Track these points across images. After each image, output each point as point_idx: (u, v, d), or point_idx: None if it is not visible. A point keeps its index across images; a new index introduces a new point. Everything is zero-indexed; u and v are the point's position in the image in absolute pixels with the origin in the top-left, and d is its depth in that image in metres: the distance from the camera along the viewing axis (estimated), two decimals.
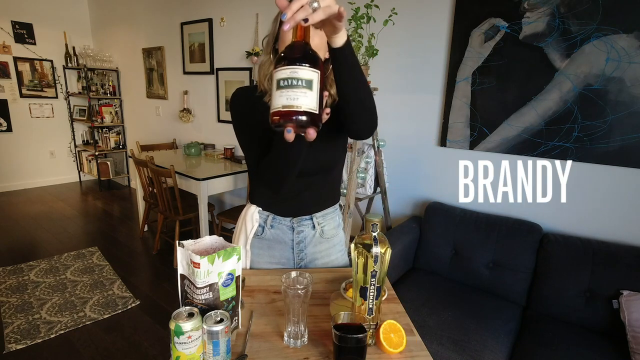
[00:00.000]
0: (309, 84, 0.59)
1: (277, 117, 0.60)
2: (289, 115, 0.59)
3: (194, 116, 3.78)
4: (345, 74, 0.75)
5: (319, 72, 0.61)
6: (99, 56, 4.62)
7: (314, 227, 1.07)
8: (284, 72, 0.59)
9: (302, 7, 0.58)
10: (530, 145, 1.83)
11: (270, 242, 1.07)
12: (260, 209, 1.06)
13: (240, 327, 0.79)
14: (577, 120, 1.69)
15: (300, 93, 0.59)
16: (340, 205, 1.17)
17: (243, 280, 0.93)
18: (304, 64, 0.59)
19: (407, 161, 2.29)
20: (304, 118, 0.59)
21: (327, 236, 1.10)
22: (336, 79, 0.77)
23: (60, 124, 4.85)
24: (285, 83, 0.59)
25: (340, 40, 0.69)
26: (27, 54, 4.43)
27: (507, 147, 1.90)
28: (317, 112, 0.61)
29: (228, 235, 2.64)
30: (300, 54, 0.60)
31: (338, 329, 0.66)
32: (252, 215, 1.06)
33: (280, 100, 0.59)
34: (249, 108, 0.96)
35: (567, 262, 1.66)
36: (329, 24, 0.65)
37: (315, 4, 0.59)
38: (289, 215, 1.05)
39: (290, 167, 0.88)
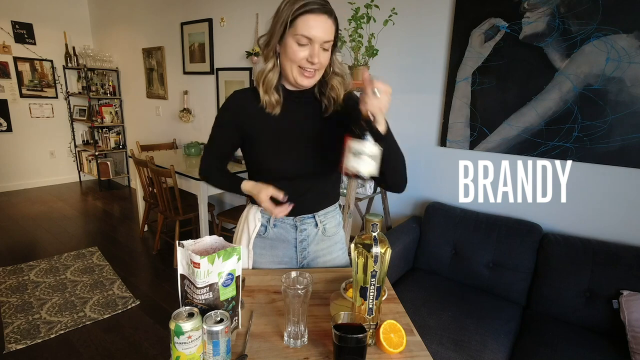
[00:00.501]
0: (373, 157, 0.80)
1: (346, 173, 0.82)
2: (355, 175, 0.81)
3: (194, 116, 3.78)
4: (386, 156, 0.87)
5: (382, 149, 0.81)
6: (99, 56, 4.61)
7: (316, 225, 1.08)
8: (359, 145, 0.79)
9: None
10: (530, 145, 1.83)
11: (273, 241, 1.07)
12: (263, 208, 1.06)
13: (240, 327, 0.80)
14: (577, 120, 1.69)
15: (367, 161, 0.80)
16: (340, 205, 1.18)
17: (243, 280, 0.93)
18: (371, 140, 0.79)
19: (407, 161, 2.28)
20: (365, 176, 0.81)
21: (328, 234, 1.11)
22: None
23: (60, 124, 4.85)
24: (357, 151, 0.79)
25: (381, 127, 0.82)
26: (27, 54, 4.43)
27: (507, 147, 1.89)
28: (375, 173, 0.82)
29: (228, 235, 2.64)
30: (371, 133, 0.80)
31: (338, 329, 0.66)
32: (255, 215, 1.07)
33: (352, 162, 0.80)
34: (238, 109, 1.00)
35: (567, 262, 1.65)
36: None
37: (378, 94, 0.79)
38: (291, 214, 1.05)
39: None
